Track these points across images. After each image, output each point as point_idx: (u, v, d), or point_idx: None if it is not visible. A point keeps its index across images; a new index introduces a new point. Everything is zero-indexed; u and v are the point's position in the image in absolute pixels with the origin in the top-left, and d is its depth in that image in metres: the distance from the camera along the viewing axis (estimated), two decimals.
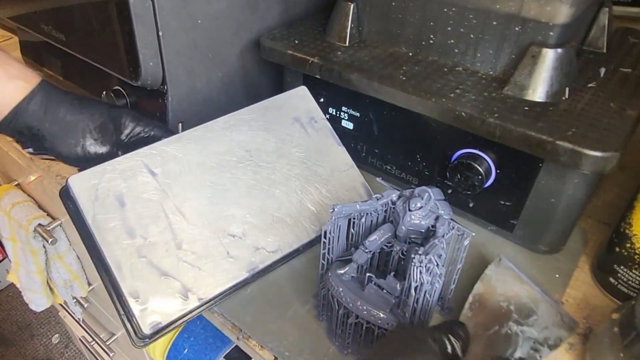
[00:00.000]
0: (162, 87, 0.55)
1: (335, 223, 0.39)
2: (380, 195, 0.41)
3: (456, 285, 0.42)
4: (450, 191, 0.52)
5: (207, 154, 0.47)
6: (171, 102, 0.56)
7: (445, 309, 0.44)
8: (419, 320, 0.37)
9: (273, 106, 0.53)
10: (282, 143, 0.51)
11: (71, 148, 0.47)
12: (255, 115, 0.52)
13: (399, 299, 0.37)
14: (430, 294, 0.36)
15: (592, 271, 0.48)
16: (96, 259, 0.43)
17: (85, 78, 0.67)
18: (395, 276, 0.38)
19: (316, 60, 0.53)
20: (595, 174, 0.42)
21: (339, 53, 0.54)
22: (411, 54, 0.53)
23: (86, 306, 0.93)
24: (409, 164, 0.54)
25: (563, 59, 0.44)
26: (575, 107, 0.44)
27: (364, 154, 0.58)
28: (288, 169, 0.50)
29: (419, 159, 0.53)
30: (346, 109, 0.57)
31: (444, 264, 0.36)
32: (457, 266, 0.40)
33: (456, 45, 0.49)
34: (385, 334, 0.38)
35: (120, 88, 0.60)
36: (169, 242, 0.42)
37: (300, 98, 0.55)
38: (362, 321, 0.38)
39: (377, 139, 0.56)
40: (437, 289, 0.36)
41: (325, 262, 0.41)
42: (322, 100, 0.58)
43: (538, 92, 0.44)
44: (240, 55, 0.61)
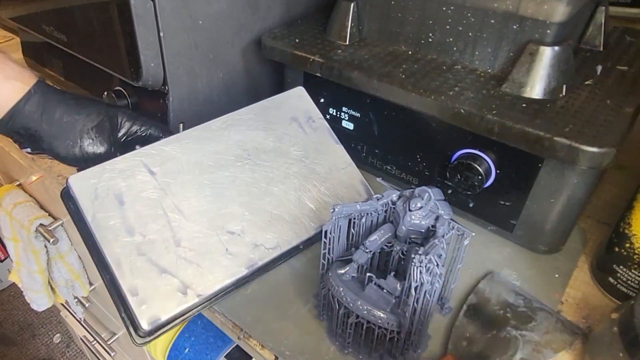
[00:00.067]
0: (163, 87, 0.55)
1: (336, 223, 0.39)
2: (381, 196, 0.41)
3: (456, 285, 0.42)
4: (450, 191, 0.52)
5: (206, 153, 0.48)
6: (172, 102, 0.56)
7: (445, 309, 0.44)
8: (418, 320, 0.37)
9: (271, 106, 0.53)
10: (280, 142, 0.52)
11: (69, 149, 0.47)
12: (253, 115, 0.52)
13: (399, 299, 0.37)
14: (430, 294, 0.36)
15: (592, 271, 0.48)
16: (97, 258, 0.43)
17: (87, 79, 0.67)
18: (396, 276, 0.38)
19: (317, 59, 0.53)
20: (593, 170, 0.43)
21: (339, 51, 0.54)
22: (410, 53, 0.53)
23: (87, 306, 0.93)
24: (409, 164, 0.54)
25: (560, 57, 0.44)
26: (573, 104, 0.44)
27: (364, 154, 0.58)
28: (286, 167, 0.50)
29: (419, 159, 0.53)
30: (346, 109, 0.57)
31: (444, 263, 0.36)
32: (457, 266, 0.41)
33: (455, 44, 0.50)
34: (385, 333, 0.38)
35: (121, 88, 0.60)
36: (167, 240, 0.43)
37: (298, 98, 0.55)
38: (362, 321, 0.38)
39: (377, 139, 0.56)
40: (437, 289, 0.36)
41: (325, 262, 0.41)
42: (323, 100, 0.58)
43: (536, 90, 0.45)
44: (241, 55, 0.62)
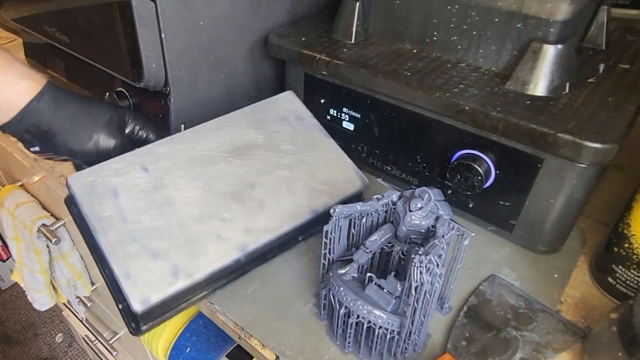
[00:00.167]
0: (164, 88, 0.55)
1: (337, 223, 0.40)
2: (381, 196, 0.41)
3: (456, 285, 0.43)
4: (450, 192, 0.52)
5: (198, 151, 0.50)
6: (173, 103, 0.56)
7: (445, 308, 0.44)
8: (419, 320, 0.37)
9: (261, 109, 0.55)
10: (271, 139, 0.53)
11: (83, 143, 0.48)
12: (244, 117, 0.54)
13: (399, 299, 0.38)
14: (430, 294, 0.36)
15: (591, 271, 0.48)
16: (97, 256, 0.45)
17: (89, 79, 0.67)
18: (396, 276, 0.38)
19: (323, 57, 0.54)
20: (592, 171, 0.43)
21: (345, 50, 0.55)
22: (415, 51, 0.53)
23: (89, 305, 0.93)
24: (409, 164, 0.55)
25: (563, 55, 0.44)
26: (576, 101, 0.44)
27: (364, 155, 0.58)
28: (277, 159, 0.51)
29: (419, 160, 0.53)
30: (347, 110, 0.57)
31: (443, 264, 0.36)
32: (457, 266, 0.41)
33: (459, 42, 0.50)
34: (385, 333, 0.38)
35: (123, 89, 0.60)
36: (160, 228, 0.44)
37: (287, 101, 0.57)
38: (362, 320, 0.38)
39: (377, 140, 0.56)
40: (437, 289, 0.36)
41: (326, 262, 0.42)
42: (323, 101, 0.59)
43: (539, 87, 0.45)
44: (242, 56, 0.62)
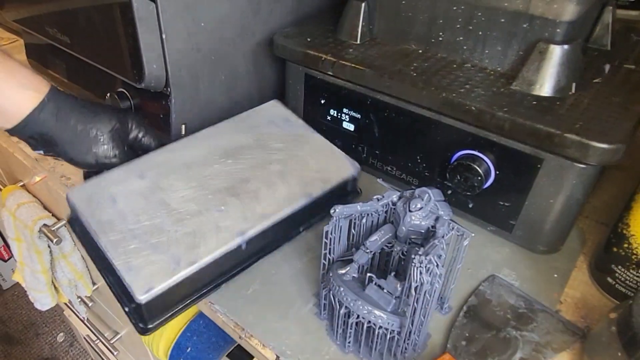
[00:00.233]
0: (165, 89, 0.55)
1: (337, 224, 0.40)
2: (381, 196, 0.41)
3: (456, 285, 0.43)
4: (450, 192, 0.52)
5: (191, 156, 0.52)
6: (174, 104, 0.57)
7: (445, 308, 0.45)
8: (418, 320, 0.37)
9: (249, 116, 0.58)
10: (261, 140, 0.55)
11: (82, 155, 0.48)
12: (233, 124, 0.57)
13: (399, 299, 0.38)
14: (430, 294, 0.36)
15: (590, 271, 0.48)
16: (100, 261, 0.45)
17: (90, 80, 0.68)
18: (396, 276, 0.39)
19: (329, 57, 0.54)
20: (591, 171, 0.43)
21: (351, 50, 0.55)
22: (421, 51, 0.54)
23: (91, 305, 0.93)
24: (409, 165, 0.55)
25: (570, 55, 0.44)
26: (582, 102, 0.44)
27: (364, 155, 0.59)
28: (268, 156, 0.53)
29: (419, 160, 0.54)
30: (347, 110, 0.57)
31: (443, 264, 0.36)
32: (456, 266, 0.41)
33: (465, 42, 0.50)
34: (386, 333, 0.38)
35: (124, 90, 0.61)
36: (159, 225, 0.45)
37: (273, 108, 0.60)
38: (363, 320, 0.38)
39: (377, 140, 0.56)
40: (437, 289, 0.36)
41: (326, 262, 0.42)
42: (324, 102, 0.59)
43: (545, 87, 0.45)
44: (243, 57, 0.62)
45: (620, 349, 0.35)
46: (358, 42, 0.56)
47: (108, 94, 0.61)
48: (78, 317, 1.14)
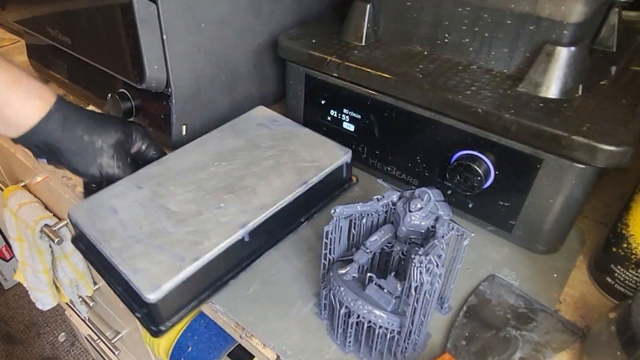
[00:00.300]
0: (166, 89, 0.56)
1: (337, 224, 0.40)
2: (381, 197, 0.41)
3: (456, 285, 0.43)
4: (449, 192, 0.53)
5: (186, 164, 0.53)
6: (175, 104, 0.57)
7: (445, 308, 0.45)
8: (419, 319, 0.37)
9: (237, 122, 0.60)
10: (252, 141, 0.56)
11: (87, 166, 0.48)
12: (223, 131, 0.58)
13: (399, 299, 0.38)
14: (430, 294, 0.36)
15: (590, 271, 0.48)
16: (105, 271, 0.46)
17: (91, 81, 0.68)
18: (396, 276, 0.39)
19: (334, 59, 0.54)
20: (591, 171, 0.43)
21: (356, 52, 0.55)
22: (426, 53, 0.54)
23: (92, 305, 0.94)
24: (409, 165, 0.55)
25: (576, 57, 0.44)
26: (589, 104, 0.44)
27: (364, 156, 0.59)
28: (261, 154, 0.54)
29: (419, 161, 0.54)
30: (347, 111, 0.57)
31: (443, 264, 0.36)
32: (456, 266, 0.41)
33: (470, 44, 0.50)
34: (386, 332, 0.39)
35: (125, 91, 0.61)
36: (161, 229, 0.45)
37: (260, 112, 0.61)
38: (363, 320, 0.38)
39: (377, 140, 0.56)
40: (436, 289, 0.36)
41: (326, 262, 0.42)
42: (324, 102, 0.59)
43: (552, 89, 0.45)
44: (243, 58, 0.62)
45: (619, 349, 0.35)
46: (363, 43, 0.56)
47: (109, 95, 0.61)
48: (79, 316, 1.15)
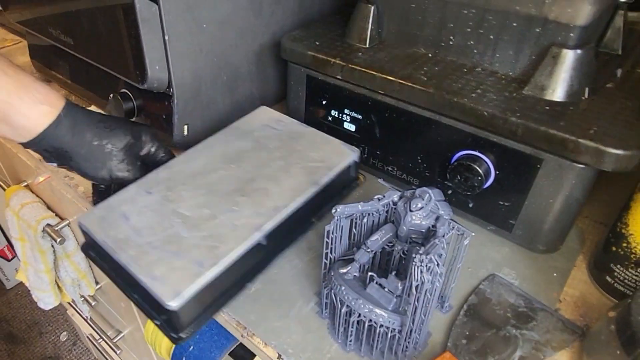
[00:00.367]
0: (168, 90, 0.56)
1: (338, 223, 0.40)
2: (382, 196, 0.41)
3: (456, 284, 0.43)
4: (450, 192, 0.53)
5: (194, 167, 0.52)
6: (177, 104, 0.57)
7: (446, 307, 0.45)
8: (419, 318, 0.38)
9: (242, 124, 0.59)
10: (258, 142, 0.56)
11: (97, 170, 0.48)
12: (228, 133, 0.58)
13: (400, 298, 0.38)
14: (431, 293, 0.36)
15: (589, 270, 0.49)
16: (122, 279, 0.45)
17: (93, 81, 0.68)
18: (397, 275, 0.39)
19: (338, 61, 0.54)
20: (590, 171, 0.43)
21: (360, 54, 0.55)
22: (430, 55, 0.53)
23: (94, 304, 0.94)
24: (410, 165, 0.55)
25: (583, 60, 0.44)
26: (595, 107, 0.44)
27: (365, 156, 0.59)
28: (269, 155, 0.54)
29: (419, 161, 0.54)
30: (348, 111, 0.57)
31: (444, 263, 0.37)
32: (457, 265, 0.41)
33: (475, 46, 0.50)
34: (387, 331, 0.39)
35: (127, 91, 0.61)
36: (175, 234, 0.45)
37: (264, 112, 0.61)
38: (364, 319, 0.39)
39: (378, 141, 0.57)
40: (437, 288, 0.36)
41: (327, 261, 0.42)
42: (325, 102, 0.59)
43: (558, 92, 0.45)
44: (245, 58, 0.62)
45: (619, 347, 0.36)
46: (367, 45, 0.56)
47: (111, 95, 0.61)
48: (81, 316, 1.15)
